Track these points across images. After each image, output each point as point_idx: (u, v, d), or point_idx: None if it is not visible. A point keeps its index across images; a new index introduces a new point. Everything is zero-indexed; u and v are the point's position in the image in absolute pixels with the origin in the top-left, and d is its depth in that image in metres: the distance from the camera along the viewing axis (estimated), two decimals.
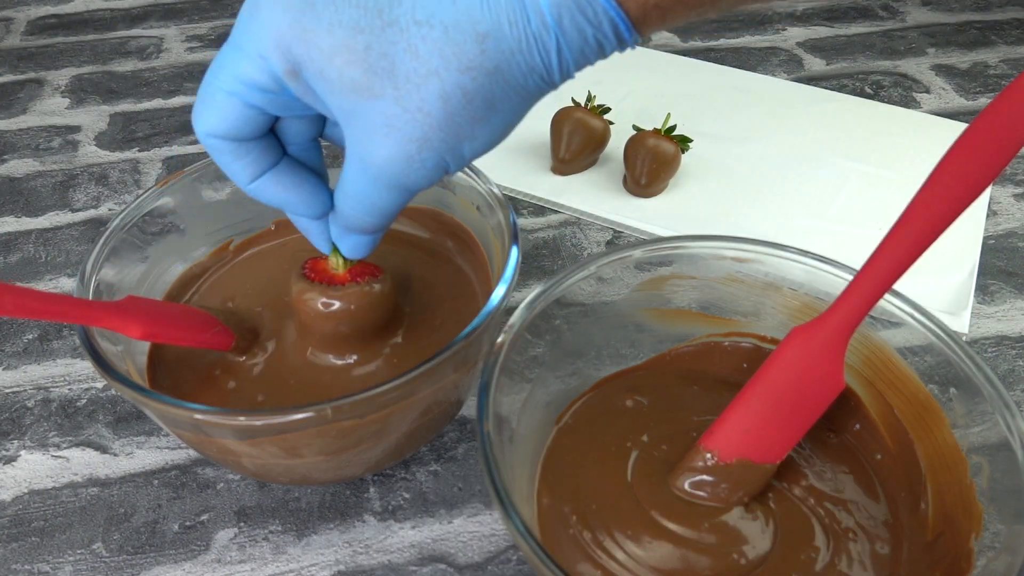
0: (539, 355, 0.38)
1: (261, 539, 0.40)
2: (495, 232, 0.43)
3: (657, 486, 0.36)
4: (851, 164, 0.64)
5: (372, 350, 0.40)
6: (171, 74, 0.77)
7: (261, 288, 0.46)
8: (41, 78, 0.77)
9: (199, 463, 0.43)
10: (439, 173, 0.29)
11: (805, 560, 0.34)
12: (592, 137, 0.61)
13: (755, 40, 0.82)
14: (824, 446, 0.39)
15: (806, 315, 0.40)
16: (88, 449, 0.44)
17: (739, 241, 0.40)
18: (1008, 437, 0.33)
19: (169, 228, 0.45)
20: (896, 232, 0.32)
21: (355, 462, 0.38)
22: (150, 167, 0.65)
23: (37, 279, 0.55)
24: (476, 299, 0.45)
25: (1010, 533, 0.31)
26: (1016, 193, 0.62)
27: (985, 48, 0.81)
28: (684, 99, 0.70)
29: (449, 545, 0.40)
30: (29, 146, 0.68)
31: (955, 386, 0.36)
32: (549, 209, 0.60)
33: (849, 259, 0.39)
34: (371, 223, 0.32)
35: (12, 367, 0.49)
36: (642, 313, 0.42)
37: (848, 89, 0.74)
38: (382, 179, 0.29)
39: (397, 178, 0.28)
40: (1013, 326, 0.51)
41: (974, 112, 0.71)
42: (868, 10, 0.87)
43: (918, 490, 0.36)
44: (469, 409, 0.46)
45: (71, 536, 0.40)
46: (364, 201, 0.30)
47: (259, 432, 0.34)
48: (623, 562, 0.34)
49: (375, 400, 0.33)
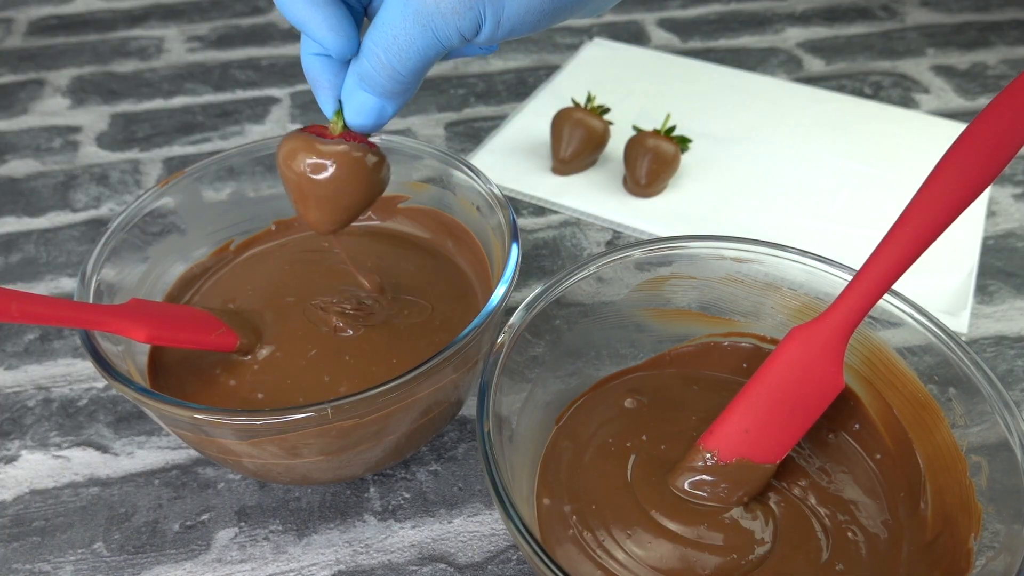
0: (539, 355, 0.38)
1: (262, 539, 0.40)
2: (495, 232, 0.43)
3: (657, 486, 0.36)
4: (851, 164, 0.64)
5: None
6: (172, 74, 0.77)
7: (262, 288, 0.46)
8: (42, 78, 0.77)
9: (200, 463, 0.44)
10: (472, 21, 0.27)
11: (805, 560, 0.34)
12: (592, 137, 0.61)
13: (755, 40, 0.82)
14: (824, 446, 0.39)
15: (806, 315, 0.40)
16: (89, 449, 0.44)
17: (739, 241, 0.40)
18: (1007, 437, 0.33)
19: (169, 228, 0.45)
20: (895, 232, 0.33)
21: (355, 462, 0.38)
22: (150, 167, 0.65)
23: (38, 279, 0.55)
24: (476, 299, 0.45)
25: (1009, 533, 0.31)
26: (1016, 193, 0.62)
27: (984, 48, 0.81)
28: (684, 99, 0.70)
29: (449, 545, 0.40)
30: (30, 146, 0.68)
31: (954, 386, 0.36)
32: (549, 209, 0.60)
33: (849, 259, 0.39)
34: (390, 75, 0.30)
35: (13, 367, 0.49)
36: (642, 313, 0.42)
37: (847, 89, 0.74)
38: (419, 12, 0.27)
39: (430, 13, 0.27)
40: (1012, 326, 0.51)
41: (973, 112, 0.71)
42: (867, 10, 0.87)
43: (917, 490, 0.36)
44: (469, 409, 0.46)
45: (72, 536, 0.40)
46: (392, 43, 0.28)
47: (259, 432, 0.34)
48: (623, 562, 0.34)
49: (375, 400, 0.33)
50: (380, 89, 0.30)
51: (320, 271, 0.47)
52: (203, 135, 0.69)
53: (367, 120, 0.32)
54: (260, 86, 0.75)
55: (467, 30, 0.27)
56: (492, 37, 0.28)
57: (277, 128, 0.70)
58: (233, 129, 0.70)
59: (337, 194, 0.34)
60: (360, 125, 0.32)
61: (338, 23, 0.30)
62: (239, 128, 0.70)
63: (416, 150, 0.47)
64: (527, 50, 0.80)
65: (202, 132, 0.69)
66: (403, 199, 0.50)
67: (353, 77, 0.31)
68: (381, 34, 0.29)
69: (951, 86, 0.75)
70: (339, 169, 0.33)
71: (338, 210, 0.35)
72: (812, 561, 0.34)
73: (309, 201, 0.34)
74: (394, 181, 0.49)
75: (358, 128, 0.32)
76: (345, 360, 0.41)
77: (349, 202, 0.34)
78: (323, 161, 0.33)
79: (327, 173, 0.33)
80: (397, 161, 0.49)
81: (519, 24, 0.27)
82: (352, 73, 0.31)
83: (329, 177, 0.33)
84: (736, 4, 0.88)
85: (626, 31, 0.83)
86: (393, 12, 0.28)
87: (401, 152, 0.48)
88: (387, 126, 0.70)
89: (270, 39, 0.83)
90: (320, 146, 0.33)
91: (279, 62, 0.79)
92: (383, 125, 0.32)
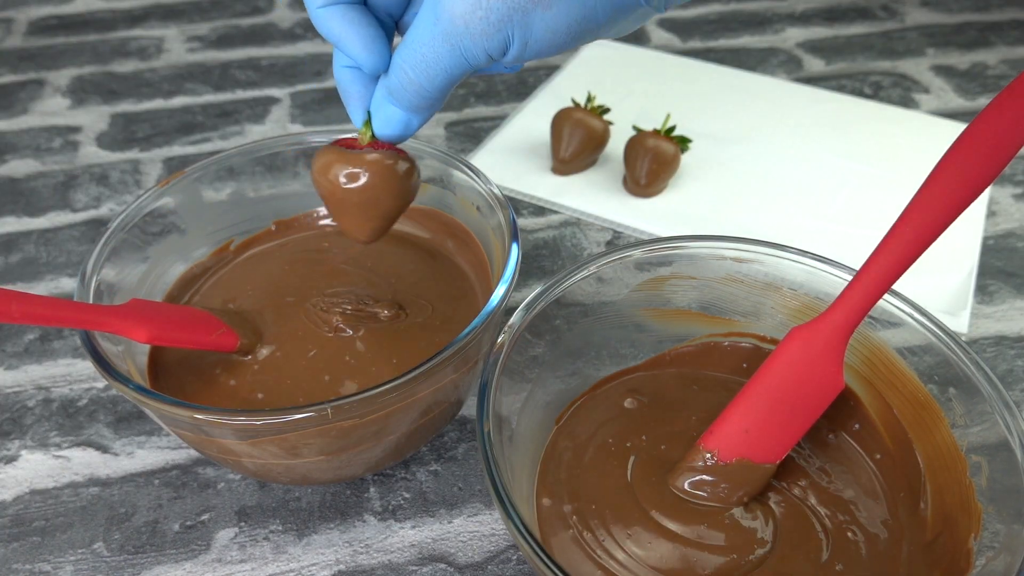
0: (539, 355, 0.38)
1: (262, 539, 0.40)
2: (495, 232, 0.43)
3: (657, 486, 0.36)
4: (851, 164, 0.64)
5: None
6: (172, 74, 0.77)
7: (262, 288, 0.46)
8: (42, 78, 0.77)
9: (200, 463, 0.44)
10: (500, 43, 0.28)
11: (805, 560, 0.34)
12: (592, 137, 0.61)
13: (755, 40, 0.82)
14: (824, 446, 0.39)
15: (806, 315, 0.40)
16: (89, 449, 0.44)
17: (739, 241, 0.40)
18: (1007, 437, 0.33)
19: (169, 228, 0.45)
20: (895, 232, 0.33)
21: (355, 462, 0.38)
22: (150, 167, 0.65)
23: (38, 279, 0.55)
24: (476, 299, 0.45)
25: (1009, 533, 0.31)
26: (1016, 193, 0.62)
27: (984, 49, 0.81)
28: (684, 99, 0.70)
29: (449, 545, 0.40)
30: (30, 146, 0.68)
31: (954, 386, 0.36)
32: (549, 209, 0.60)
33: (849, 259, 0.39)
34: (416, 91, 0.31)
35: (13, 367, 0.49)
36: (642, 313, 0.42)
37: (847, 89, 0.74)
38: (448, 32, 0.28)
39: (459, 34, 0.27)
40: (1012, 326, 0.51)
41: (973, 112, 0.71)
42: (867, 10, 0.87)
43: (917, 490, 0.36)
44: (469, 409, 0.46)
45: (72, 536, 0.40)
46: (421, 61, 0.29)
47: (259, 432, 0.34)
48: (623, 562, 0.34)
49: (375, 400, 0.33)
50: (407, 104, 0.31)
51: (320, 271, 0.47)
52: (203, 135, 0.69)
53: (394, 131, 0.33)
54: (260, 86, 0.75)
55: (495, 51, 0.28)
56: (519, 58, 0.29)
57: (277, 128, 0.70)
58: (233, 129, 0.70)
59: (371, 201, 0.35)
60: (387, 136, 0.33)
61: (371, 41, 0.31)
62: (239, 128, 0.70)
63: (416, 150, 0.47)
64: None
65: (202, 132, 0.69)
66: None
67: (382, 90, 0.32)
68: (410, 52, 0.29)
69: (951, 86, 0.75)
70: (372, 177, 0.34)
71: (374, 217, 0.36)
72: (812, 561, 0.34)
73: (346, 210, 0.35)
74: None
75: (385, 139, 0.34)
76: (345, 360, 0.41)
77: (383, 208, 0.36)
78: (356, 170, 0.34)
79: (361, 182, 0.34)
80: None
81: (546, 47, 0.28)
82: (381, 87, 0.32)
83: (363, 185, 0.34)
84: (736, 4, 0.88)
85: None
86: (423, 31, 0.29)
87: None
88: None
89: (270, 39, 0.83)
90: (352, 156, 0.34)
91: (279, 62, 0.79)
92: (409, 137, 0.34)
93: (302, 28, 0.84)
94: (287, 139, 0.48)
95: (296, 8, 0.88)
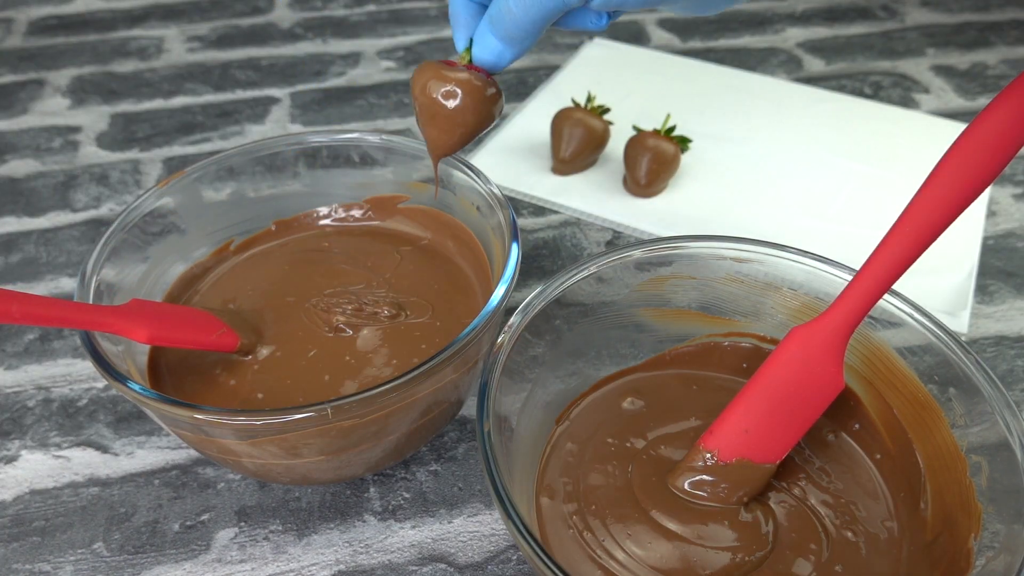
0: (539, 355, 0.38)
1: (261, 539, 0.40)
2: (495, 232, 0.43)
3: (657, 486, 0.36)
4: (851, 164, 0.64)
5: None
6: (172, 74, 0.77)
7: (262, 288, 0.46)
8: (42, 78, 0.77)
9: (200, 463, 0.44)
10: None
11: (805, 560, 0.34)
12: (592, 137, 0.61)
13: (755, 40, 0.82)
14: (824, 446, 0.39)
15: (806, 315, 0.40)
16: (89, 449, 0.44)
17: (739, 241, 0.40)
18: (1007, 437, 0.33)
19: (169, 228, 0.45)
20: (895, 232, 0.33)
21: (355, 462, 0.38)
22: (150, 167, 0.65)
23: (38, 279, 0.55)
24: (476, 299, 0.45)
25: (1009, 533, 0.31)
26: (1016, 193, 0.62)
27: (984, 49, 0.81)
28: (684, 99, 0.70)
29: (449, 545, 0.40)
30: (30, 146, 0.68)
31: (954, 386, 0.36)
32: (549, 209, 0.60)
33: (849, 259, 0.39)
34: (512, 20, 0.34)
35: (13, 367, 0.49)
36: (642, 313, 0.42)
37: (847, 89, 0.74)
38: None
39: None
40: (1012, 326, 0.51)
41: (973, 112, 0.71)
42: (867, 10, 0.88)
43: (917, 490, 0.36)
44: (469, 409, 0.46)
45: (72, 536, 0.40)
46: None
47: (259, 432, 0.34)
48: (623, 562, 0.34)
49: (375, 400, 0.33)
50: (502, 33, 0.35)
51: (320, 271, 0.47)
52: (203, 135, 0.69)
53: (488, 58, 0.37)
54: (260, 86, 0.75)
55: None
56: (606, 3, 0.32)
57: (277, 128, 0.70)
58: (233, 129, 0.70)
59: (458, 115, 0.39)
60: (482, 61, 0.38)
61: None
62: (239, 128, 0.70)
63: (416, 150, 0.47)
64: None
65: (202, 132, 0.69)
66: (403, 199, 0.50)
67: (485, 20, 0.37)
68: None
69: (951, 86, 0.75)
70: (462, 93, 0.38)
71: (456, 130, 0.39)
72: (812, 561, 0.34)
73: (435, 120, 0.39)
74: (394, 181, 0.50)
75: (480, 63, 0.38)
76: (345, 360, 0.41)
77: (466, 123, 0.39)
78: (450, 86, 0.38)
79: (452, 96, 0.38)
80: (397, 162, 0.49)
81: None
82: (485, 17, 0.37)
83: (453, 99, 0.38)
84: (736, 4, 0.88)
85: (626, 31, 0.83)
86: None
87: (401, 152, 0.48)
88: (387, 126, 0.71)
89: (270, 39, 0.83)
90: (448, 73, 0.38)
91: (279, 62, 0.79)
92: (502, 67, 0.38)
93: (302, 28, 0.84)
94: (287, 139, 0.48)
95: (296, 8, 0.88)
